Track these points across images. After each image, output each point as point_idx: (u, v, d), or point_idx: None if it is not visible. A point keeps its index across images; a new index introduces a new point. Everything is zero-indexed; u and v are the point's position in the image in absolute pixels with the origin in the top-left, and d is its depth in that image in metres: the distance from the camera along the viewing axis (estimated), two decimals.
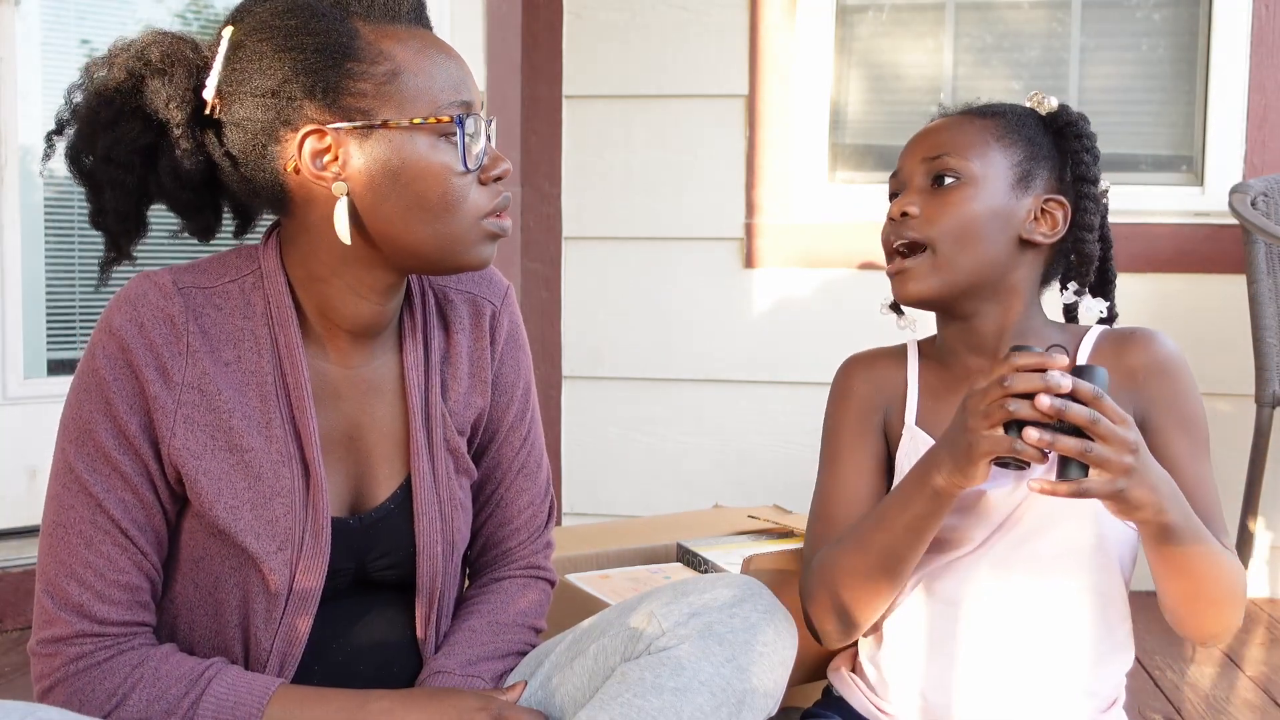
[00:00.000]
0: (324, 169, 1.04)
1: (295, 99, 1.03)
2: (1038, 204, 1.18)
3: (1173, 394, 1.14)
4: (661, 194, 2.72)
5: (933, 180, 1.17)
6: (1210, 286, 2.53)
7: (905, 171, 1.21)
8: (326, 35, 1.03)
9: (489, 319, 1.23)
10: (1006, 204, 1.16)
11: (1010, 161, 1.17)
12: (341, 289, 1.10)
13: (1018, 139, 1.18)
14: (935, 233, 1.15)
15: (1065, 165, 1.20)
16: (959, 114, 1.22)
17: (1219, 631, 1.11)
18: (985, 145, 1.17)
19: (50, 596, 1.03)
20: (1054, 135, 1.21)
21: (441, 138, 1.05)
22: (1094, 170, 1.19)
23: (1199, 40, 2.61)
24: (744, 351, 2.71)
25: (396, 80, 1.04)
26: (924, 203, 1.16)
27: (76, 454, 1.04)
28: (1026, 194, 1.17)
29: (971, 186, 1.15)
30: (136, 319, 1.04)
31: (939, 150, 1.17)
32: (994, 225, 1.16)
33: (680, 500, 2.70)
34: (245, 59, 1.04)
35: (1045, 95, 1.22)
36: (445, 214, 1.06)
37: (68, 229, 2.51)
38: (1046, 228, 1.18)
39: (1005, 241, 1.17)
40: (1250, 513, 2.27)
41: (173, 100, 1.06)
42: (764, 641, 1.07)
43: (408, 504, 1.16)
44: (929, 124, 1.24)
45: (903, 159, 1.22)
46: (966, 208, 1.15)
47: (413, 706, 1.06)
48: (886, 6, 2.74)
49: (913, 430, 1.21)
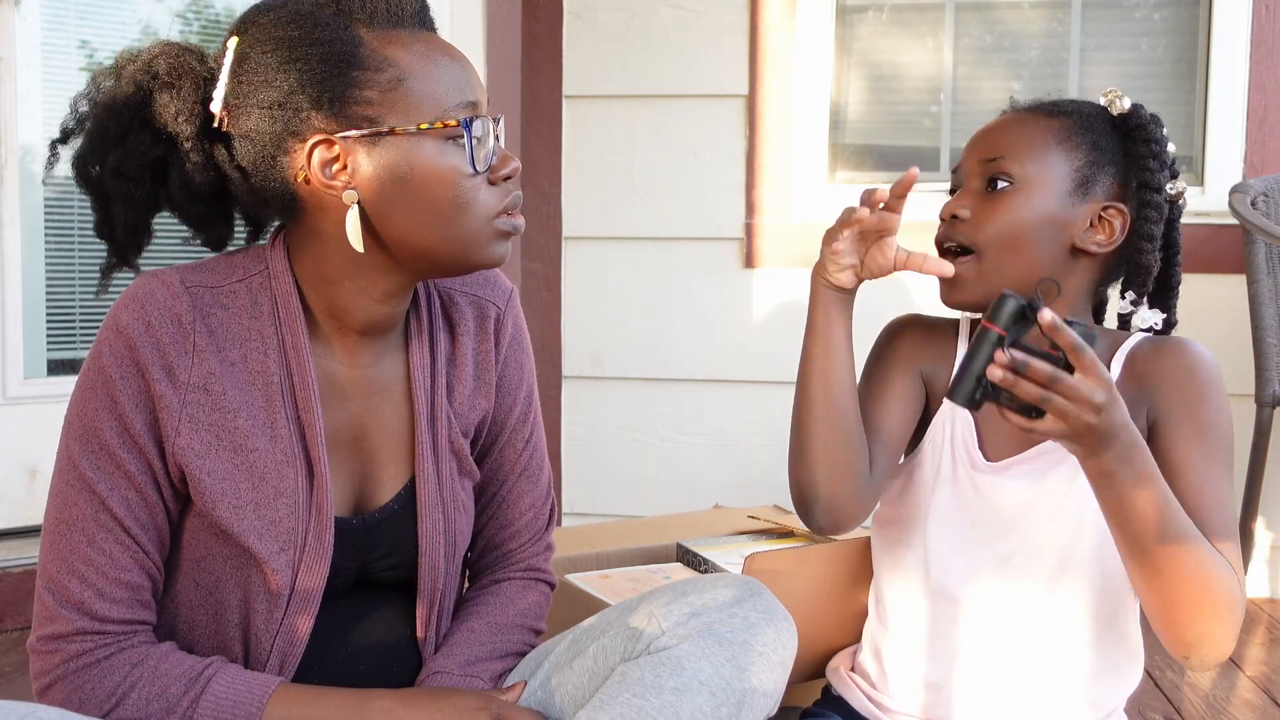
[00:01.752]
0: (334, 178, 1.04)
1: (302, 110, 1.03)
2: (1095, 211, 1.14)
3: (1191, 398, 1.10)
4: (661, 194, 2.72)
5: (987, 183, 1.15)
6: (1210, 286, 2.53)
7: (965, 170, 1.18)
8: (330, 45, 1.03)
9: (493, 321, 1.23)
10: (1061, 211, 1.13)
11: (1071, 166, 1.14)
12: (353, 291, 1.10)
13: (1082, 142, 1.15)
14: (983, 239, 1.13)
15: (1130, 171, 1.16)
16: (1025, 110, 1.19)
17: (1197, 640, 1.03)
18: (1045, 148, 1.13)
19: (51, 593, 1.03)
20: (1122, 138, 1.17)
21: (449, 141, 1.06)
22: (1159, 178, 1.15)
23: (1199, 40, 2.61)
24: (744, 351, 2.71)
25: (401, 86, 1.04)
26: (976, 206, 1.14)
27: (81, 451, 1.04)
28: (1085, 200, 1.14)
29: (1024, 192, 1.12)
30: (143, 317, 1.04)
31: (996, 152, 1.14)
32: (1045, 233, 1.13)
33: (680, 500, 2.70)
34: (250, 71, 1.04)
35: (1120, 95, 1.18)
36: (457, 216, 1.06)
37: (68, 229, 2.51)
38: (1103, 237, 1.14)
39: (1057, 250, 1.14)
40: (1250, 513, 2.27)
41: (181, 114, 1.06)
42: (764, 642, 1.07)
43: (411, 505, 1.16)
44: (996, 119, 1.20)
45: (965, 155, 1.19)
46: (1016, 215, 1.12)
47: (413, 706, 1.06)
48: (886, 6, 2.74)
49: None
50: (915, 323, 1.28)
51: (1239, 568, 1.07)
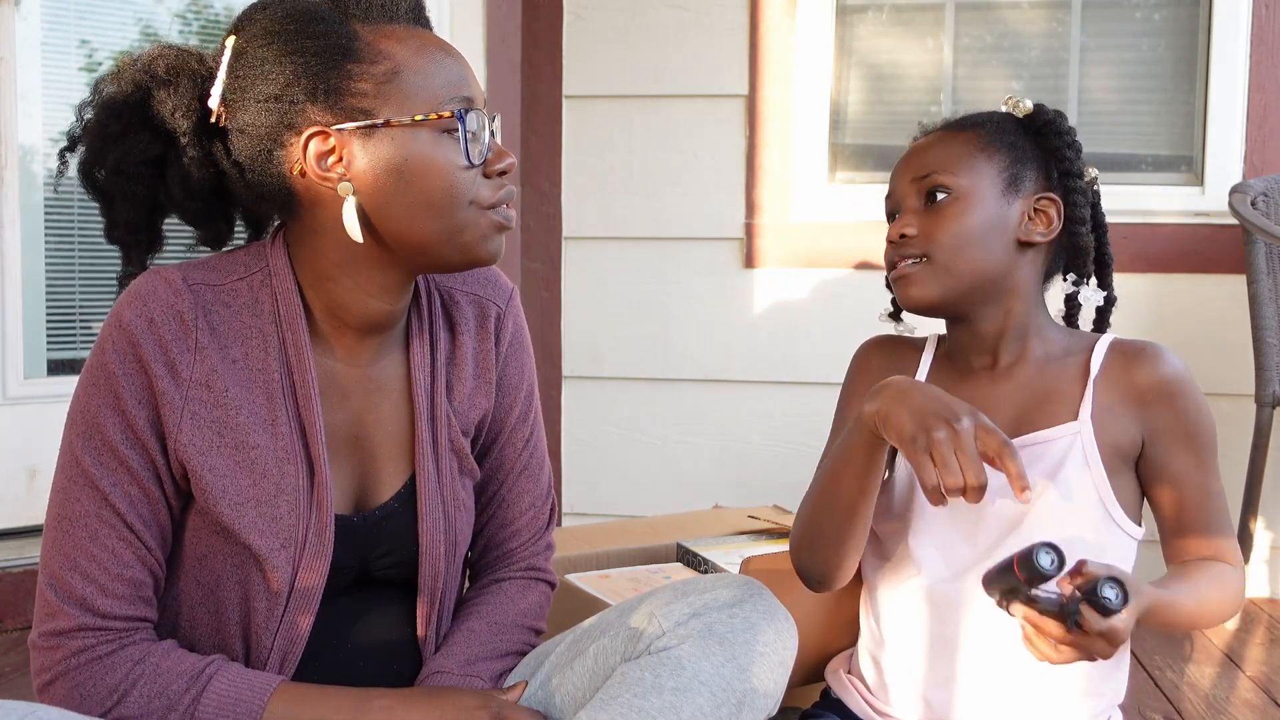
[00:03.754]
0: (329, 170, 1.05)
1: (298, 102, 1.04)
2: (1030, 205, 1.20)
3: (1178, 413, 1.16)
4: (661, 194, 2.72)
5: (925, 199, 1.20)
6: (1210, 286, 2.53)
7: (898, 194, 1.24)
8: (326, 38, 1.04)
9: (494, 321, 1.23)
10: (999, 210, 1.19)
11: (996, 169, 1.20)
12: (351, 287, 1.10)
13: (1000, 145, 1.21)
14: (934, 247, 1.18)
15: (1050, 163, 1.22)
16: (940, 130, 1.25)
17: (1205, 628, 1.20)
18: (970, 158, 1.20)
19: (53, 589, 1.04)
20: (1034, 136, 1.23)
21: (444, 133, 1.06)
22: (1077, 164, 1.22)
23: (1199, 40, 2.61)
24: (744, 351, 2.71)
25: (396, 79, 1.05)
26: (920, 222, 1.19)
27: (84, 448, 1.04)
28: (1017, 197, 1.20)
29: (963, 199, 1.18)
30: (146, 314, 1.04)
31: (927, 170, 1.20)
32: (991, 233, 1.18)
33: (680, 500, 2.70)
34: (247, 66, 1.05)
35: (1020, 98, 1.25)
36: (451, 208, 1.07)
37: (68, 229, 2.51)
38: (1042, 226, 1.21)
39: (1004, 246, 1.19)
40: (1250, 513, 2.27)
41: (179, 110, 1.07)
42: (764, 642, 1.07)
43: (411, 503, 1.16)
44: (913, 144, 1.26)
45: (894, 182, 1.25)
46: (961, 221, 1.18)
47: (413, 705, 1.06)
48: (886, 6, 2.74)
49: None
50: (880, 346, 1.32)
51: (1239, 560, 1.17)
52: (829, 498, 1.17)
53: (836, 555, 1.18)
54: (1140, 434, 1.16)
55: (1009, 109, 1.25)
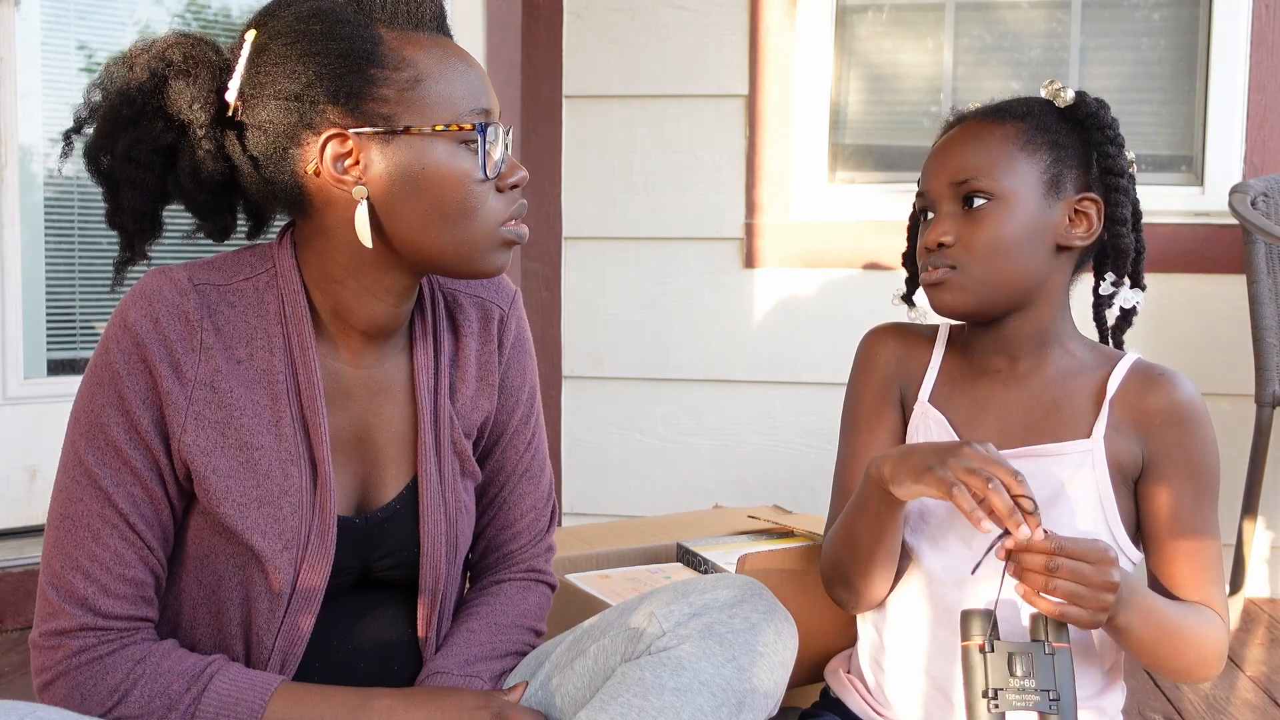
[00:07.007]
0: (345, 172, 1.05)
1: (318, 103, 1.04)
2: (1070, 207, 1.15)
3: (1184, 443, 1.12)
4: (661, 194, 2.72)
5: (963, 203, 1.14)
6: (1210, 286, 2.53)
7: (933, 193, 1.17)
8: (351, 41, 1.04)
9: (497, 323, 1.23)
10: (1041, 215, 1.14)
11: (1038, 170, 1.14)
12: (357, 290, 1.10)
13: (1041, 143, 1.15)
14: (971, 257, 1.13)
15: (1091, 159, 1.16)
16: (976, 120, 1.18)
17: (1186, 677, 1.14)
18: (1010, 159, 1.13)
19: (55, 589, 1.04)
20: (1076, 128, 1.17)
21: (461, 145, 1.06)
22: (1120, 162, 1.15)
23: (1199, 40, 2.61)
24: (744, 351, 2.71)
25: (419, 87, 1.05)
26: (958, 229, 1.14)
27: (87, 447, 1.04)
28: (1059, 199, 1.14)
29: (1004, 206, 1.13)
30: (151, 314, 1.04)
31: (965, 174, 1.14)
32: (1031, 240, 1.13)
33: (680, 500, 2.70)
34: (269, 62, 1.04)
35: (1061, 85, 1.18)
36: (463, 220, 1.07)
37: (68, 229, 2.51)
38: (1083, 229, 1.15)
39: (1044, 252, 1.14)
40: (1250, 513, 2.27)
41: (196, 101, 1.06)
42: (764, 642, 1.07)
43: (413, 505, 1.16)
44: (948, 133, 1.20)
45: (929, 178, 1.18)
46: (1002, 230, 1.12)
47: (414, 705, 1.06)
48: (886, 6, 2.74)
49: (925, 406, 1.21)
50: (891, 334, 1.27)
51: (1225, 611, 1.14)
52: (850, 540, 1.17)
53: (865, 584, 1.18)
54: (1141, 453, 1.13)
55: (1048, 96, 1.18)
